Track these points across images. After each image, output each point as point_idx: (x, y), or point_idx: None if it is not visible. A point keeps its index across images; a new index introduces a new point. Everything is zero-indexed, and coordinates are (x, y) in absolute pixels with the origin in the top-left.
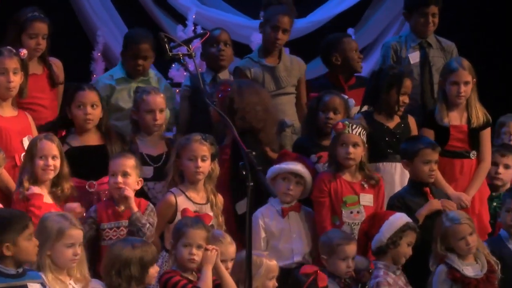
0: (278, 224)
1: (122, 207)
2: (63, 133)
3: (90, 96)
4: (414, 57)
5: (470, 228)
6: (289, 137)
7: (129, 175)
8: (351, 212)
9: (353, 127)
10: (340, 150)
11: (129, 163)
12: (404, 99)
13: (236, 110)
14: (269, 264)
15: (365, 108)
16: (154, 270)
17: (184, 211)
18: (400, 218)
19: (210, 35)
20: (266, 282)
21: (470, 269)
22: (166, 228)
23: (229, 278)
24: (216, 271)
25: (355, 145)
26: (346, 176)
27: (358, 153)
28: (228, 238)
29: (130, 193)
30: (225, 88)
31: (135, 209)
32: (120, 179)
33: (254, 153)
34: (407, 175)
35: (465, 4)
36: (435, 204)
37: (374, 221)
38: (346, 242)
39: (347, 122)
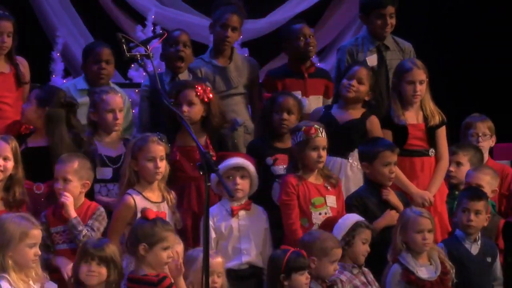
0: (227, 224)
1: None
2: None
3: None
4: (372, 60)
5: (430, 224)
6: (241, 136)
7: (70, 180)
8: (320, 214)
9: (321, 130)
10: (311, 154)
11: (70, 168)
12: (355, 84)
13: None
14: (210, 261)
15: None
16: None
17: (147, 212)
18: (348, 219)
19: (169, 36)
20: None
21: (424, 271)
22: (127, 230)
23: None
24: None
25: (324, 148)
26: (311, 179)
27: (325, 156)
28: (176, 239)
29: (67, 199)
30: None
31: (73, 215)
32: (60, 184)
33: (211, 153)
34: (352, 170)
35: (421, 4)
36: (394, 217)
37: (327, 227)
38: (338, 246)
39: (317, 126)
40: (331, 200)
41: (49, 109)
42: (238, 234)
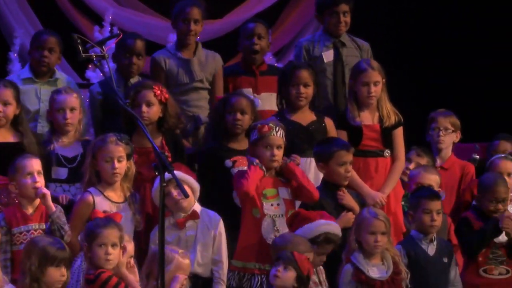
0: (176, 235)
1: (31, 210)
2: None
3: (4, 93)
4: (328, 55)
5: (384, 227)
6: (203, 134)
7: (40, 175)
8: (272, 205)
9: (277, 129)
10: (264, 152)
11: (38, 163)
12: (302, 89)
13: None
14: (180, 261)
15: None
16: (57, 273)
17: (94, 213)
18: (318, 226)
19: (123, 44)
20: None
21: (375, 270)
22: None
23: (130, 276)
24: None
25: (279, 147)
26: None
27: (280, 155)
28: (126, 237)
29: (47, 191)
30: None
31: (53, 207)
32: (36, 178)
33: (167, 154)
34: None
35: (379, 5)
36: (350, 219)
37: (295, 220)
38: (310, 249)
39: (271, 125)
40: (284, 192)
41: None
42: (185, 244)
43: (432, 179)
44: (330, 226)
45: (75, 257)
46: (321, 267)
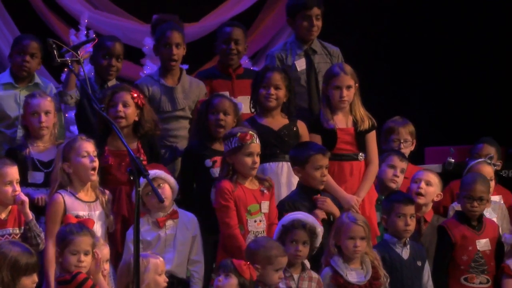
0: (155, 234)
1: (4, 215)
2: None
3: None
4: (300, 63)
5: (363, 232)
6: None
7: (18, 183)
8: (255, 221)
9: (255, 136)
10: (246, 160)
11: (17, 169)
12: (273, 91)
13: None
14: (155, 261)
15: None
16: (29, 281)
17: (67, 218)
18: (283, 221)
19: (103, 46)
20: (156, 277)
21: (354, 275)
22: None
23: (104, 283)
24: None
25: (258, 154)
26: (247, 184)
27: (259, 162)
28: (101, 240)
29: (26, 198)
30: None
31: (30, 215)
32: (16, 187)
33: (142, 158)
34: (294, 175)
35: (349, 9)
36: (320, 217)
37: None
38: (283, 254)
39: (251, 132)
40: (265, 206)
41: None
42: (164, 243)
43: (433, 179)
44: (304, 215)
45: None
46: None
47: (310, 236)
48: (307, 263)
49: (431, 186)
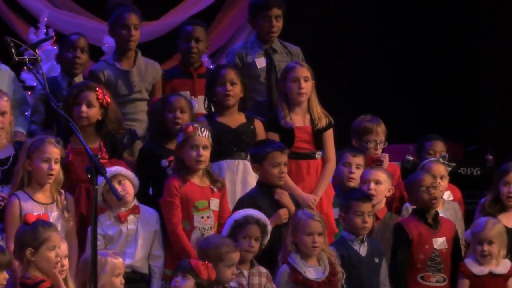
0: (117, 229)
1: None
2: None
3: None
4: (261, 62)
5: (321, 228)
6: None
7: None
8: (202, 217)
9: (202, 129)
10: (190, 153)
11: None
12: (229, 87)
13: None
14: (113, 262)
15: None
16: (1, 277)
17: (27, 217)
18: (245, 211)
19: (67, 40)
20: (113, 279)
21: (312, 271)
22: None
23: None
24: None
25: (204, 147)
26: (195, 180)
27: (207, 156)
28: (61, 238)
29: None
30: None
31: None
32: None
33: (103, 157)
34: (250, 173)
35: (310, 10)
36: (282, 216)
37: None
38: (233, 250)
39: (196, 125)
40: (215, 203)
41: None
42: (126, 238)
43: (381, 176)
44: (256, 212)
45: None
46: (264, 271)
47: (261, 232)
48: None
49: (380, 184)
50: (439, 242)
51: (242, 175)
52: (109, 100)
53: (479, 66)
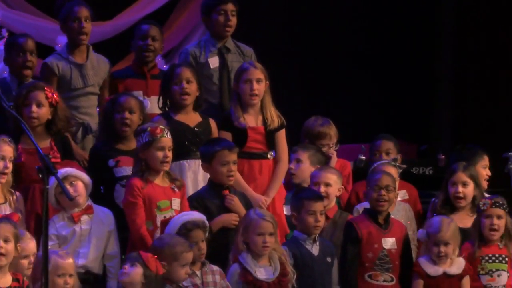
0: (70, 229)
1: None
2: None
3: None
4: (214, 61)
5: (271, 228)
6: (92, 142)
7: None
8: (165, 217)
9: (166, 131)
10: (156, 155)
11: None
12: (185, 85)
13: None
14: (57, 261)
15: None
16: None
17: None
18: (178, 219)
19: (15, 44)
20: (55, 278)
21: (262, 271)
22: None
23: None
24: None
25: (169, 149)
26: (157, 180)
27: (171, 157)
28: (28, 235)
29: None
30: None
31: None
32: None
33: (51, 156)
34: None
35: (263, 10)
36: (230, 219)
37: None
38: (188, 250)
39: (162, 127)
40: (177, 203)
41: None
42: (79, 238)
43: (331, 178)
44: (187, 215)
45: None
46: (216, 269)
47: (205, 233)
48: None
49: (330, 186)
50: (389, 242)
51: (203, 174)
52: (57, 99)
53: (432, 65)
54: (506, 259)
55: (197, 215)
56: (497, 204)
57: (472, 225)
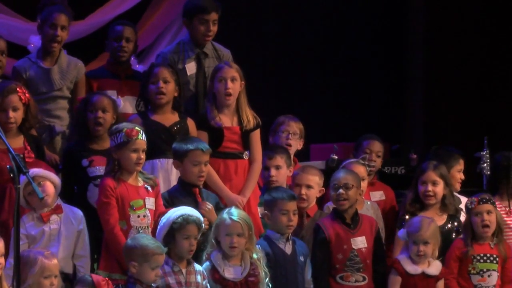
0: (39, 229)
1: None
2: None
3: None
4: (191, 67)
5: (240, 229)
6: (60, 144)
7: None
8: (138, 216)
9: (142, 132)
10: (130, 156)
11: None
12: (162, 84)
13: None
14: (44, 263)
15: None
16: None
17: None
18: (167, 218)
19: None
20: (41, 280)
21: (231, 271)
22: None
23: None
24: None
25: (143, 150)
26: (130, 180)
27: (144, 158)
28: None
29: None
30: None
31: None
32: None
33: (21, 155)
34: None
35: (238, 10)
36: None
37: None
38: (159, 252)
39: (137, 128)
40: (150, 202)
41: None
42: (49, 238)
43: (313, 180)
44: (189, 210)
45: None
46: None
47: (198, 231)
48: None
49: (312, 188)
50: (358, 242)
51: (176, 174)
52: (29, 96)
53: (403, 65)
54: (497, 259)
55: (198, 214)
56: (484, 200)
57: (463, 225)
